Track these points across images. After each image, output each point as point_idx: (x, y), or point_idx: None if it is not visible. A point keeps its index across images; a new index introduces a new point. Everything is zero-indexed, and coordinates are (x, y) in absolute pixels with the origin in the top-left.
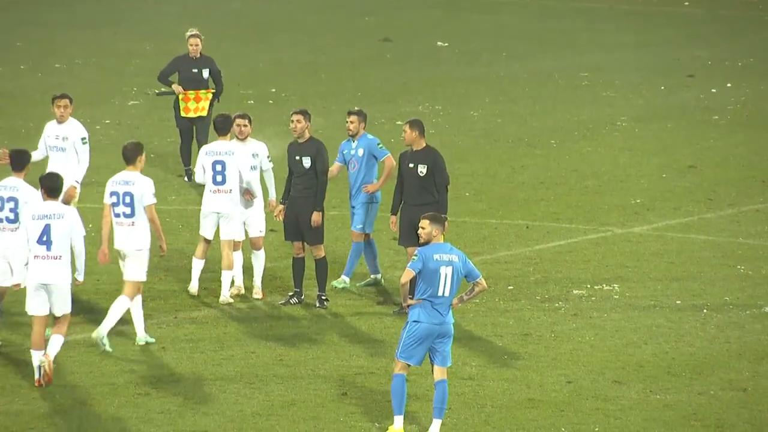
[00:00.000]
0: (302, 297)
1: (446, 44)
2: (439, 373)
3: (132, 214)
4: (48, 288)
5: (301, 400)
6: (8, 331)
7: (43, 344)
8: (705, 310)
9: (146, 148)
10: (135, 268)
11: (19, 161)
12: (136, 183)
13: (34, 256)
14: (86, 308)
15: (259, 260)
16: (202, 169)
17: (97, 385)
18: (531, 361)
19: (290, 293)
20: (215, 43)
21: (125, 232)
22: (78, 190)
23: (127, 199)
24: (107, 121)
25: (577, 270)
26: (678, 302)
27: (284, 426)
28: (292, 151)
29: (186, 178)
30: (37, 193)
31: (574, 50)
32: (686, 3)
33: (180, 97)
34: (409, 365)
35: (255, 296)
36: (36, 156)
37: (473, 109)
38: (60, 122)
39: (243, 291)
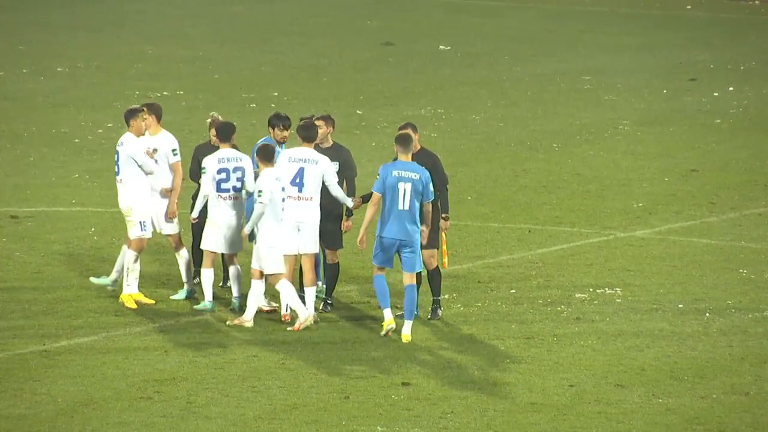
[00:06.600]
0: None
1: (448, 47)
2: (407, 278)
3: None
4: (299, 226)
5: (303, 404)
6: (7, 331)
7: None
8: (707, 314)
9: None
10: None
11: (225, 132)
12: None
13: (288, 197)
14: (88, 311)
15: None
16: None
17: (100, 389)
18: (533, 365)
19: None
20: (217, 47)
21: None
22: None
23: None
24: (109, 125)
25: (579, 274)
26: (680, 306)
27: (286, 430)
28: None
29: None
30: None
31: (576, 53)
32: (688, 6)
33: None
34: (383, 267)
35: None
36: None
37: (475, 112)
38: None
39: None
